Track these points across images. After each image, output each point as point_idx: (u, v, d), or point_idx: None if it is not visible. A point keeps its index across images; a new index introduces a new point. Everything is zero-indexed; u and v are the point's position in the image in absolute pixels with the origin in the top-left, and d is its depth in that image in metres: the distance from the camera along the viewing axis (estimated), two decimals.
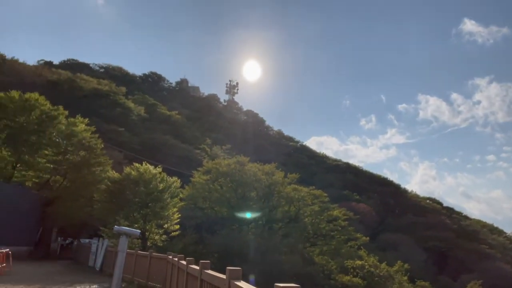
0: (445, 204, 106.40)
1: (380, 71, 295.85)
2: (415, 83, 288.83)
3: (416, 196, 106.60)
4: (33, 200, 30.36)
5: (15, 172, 31.07)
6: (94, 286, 13.00)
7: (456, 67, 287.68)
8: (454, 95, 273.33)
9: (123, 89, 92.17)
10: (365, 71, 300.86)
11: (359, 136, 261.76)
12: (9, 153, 30.26)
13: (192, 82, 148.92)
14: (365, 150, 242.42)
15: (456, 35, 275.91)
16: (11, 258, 17.99)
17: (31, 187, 32.35)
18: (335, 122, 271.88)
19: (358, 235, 34.89)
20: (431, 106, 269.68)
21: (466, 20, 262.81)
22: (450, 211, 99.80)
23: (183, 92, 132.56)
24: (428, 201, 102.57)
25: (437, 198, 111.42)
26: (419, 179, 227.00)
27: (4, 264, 16.79)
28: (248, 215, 29.40)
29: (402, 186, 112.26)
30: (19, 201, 27.88)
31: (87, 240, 29.80)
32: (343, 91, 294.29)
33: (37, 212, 30.57)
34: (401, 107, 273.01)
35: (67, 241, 34.93)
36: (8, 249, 17.93)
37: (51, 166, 32.93)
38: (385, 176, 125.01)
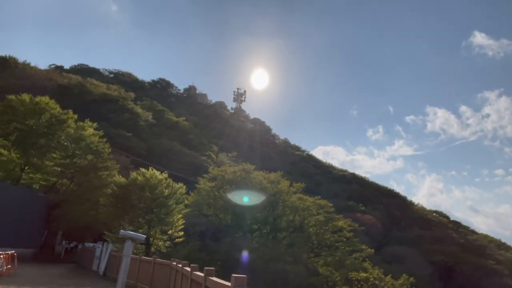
0: (452, 218, 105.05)
1: (388, 82, 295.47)
2: (424, 95, 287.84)
3: (423, 209, 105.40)
4: (39, 202, 30.59)
5: (23, 174, 31.37)
6: None
7: (465, 80, 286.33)
8: (463, 108, 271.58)
9: (132, 94, 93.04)
10: (373, 81, 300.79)
11: (366, 147, 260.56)
12: (18, 156, 30.60)
13: (200, 89, 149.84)
14: (372, 161, 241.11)
15: (466, 47, 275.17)
16: (16, 260, 18.10)
17: (38, 190, 32.61)
18: (342, 132, 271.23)
19: (363, 246, 34.52)
20: (439, 118, 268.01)
21: (477, 33, 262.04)
22: (457, 225, 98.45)
23: (191, 99, 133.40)
24: (434, 214, 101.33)
25: (444, 212, 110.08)
26: (426, 192, 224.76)
27: (9, 266, 16.89)
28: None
29: (409, 198, 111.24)
30: (26, 203, 28.11)
31: (91, 244, 29.87)
32: (350, 101, 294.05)
33: (43, 214, 30.79)
34: (409, 118, 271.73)
35: (71, 245, 35.03)
36: (13, 251, 18.06)
37: (59, 169, 33.24)
38: (392, 187, 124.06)
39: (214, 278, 5.38)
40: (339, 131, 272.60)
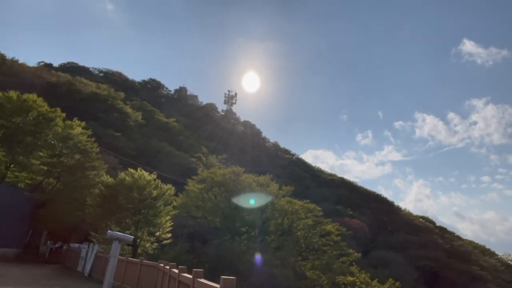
0: (438, 224, 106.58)
1: (378, 87, 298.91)
2: (412, 101, 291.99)
3: (409, 214, 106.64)
4: (25, 201, 30.04)
5: (8, 172, 30.78)
6: None
7: (454, 87, 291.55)
8: (451, 115, 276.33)
9: (122, 94, 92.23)
10: (363, 86, 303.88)
11: (355, 151, 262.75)
12: (3, 153, 30.04)
13: (191, 90, 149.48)
14: (361, 165, 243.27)
15: (456, 55, 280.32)
16: None
17: (23, 189, 32.02)
18: (331, 136, 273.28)
19: (351, 250, 34.76)
20: (428, 124, 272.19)
21: (466, 41, 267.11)
22: (442, 230, 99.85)
23: (181, 100, 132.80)
24: (421, 219, 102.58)
25: (431, 217, 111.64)
26: (413, 197, 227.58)
27: None
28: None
29: (396, 203, 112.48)
30: (11, 202, 27.57)
31: (77, 245, 29.41)
32: (340, 105, 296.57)
33: (28, 214, 30.24)
34: (398, 124, 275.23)
35: (56, 245, 34.43)
36: None
37: (45, 168, 32.66)
38: (380, 192, 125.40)
39: (203, 280, 5.36)
40: (329, 135, 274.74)
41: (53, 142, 33.19)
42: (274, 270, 24.26)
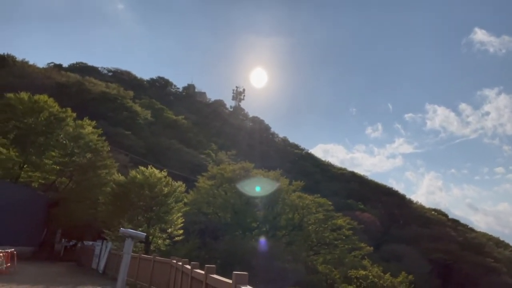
0: (450, 216, 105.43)
1: (387, 79, 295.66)
2: (423, 92, 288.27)
3: (421, 207, 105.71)
4: (39, 201, 30.55)
5: (22, 172, 31.30)
6: None
7: (465, 77, 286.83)
8: (463, 106, 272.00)
9: (131, 93, 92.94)
10: (372, 79, 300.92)
11: (366, 145, 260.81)
12: (17, 154, 30.53)
13: (199, 87, 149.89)
14: (372, 159, 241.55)
15: (467, 44, 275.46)
16: (15, 258, 18.09)
17: (37, 188, 32.55)
18: (341, 130, 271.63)
19: (362, 244, 34.63)
20: (439, 116, 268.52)
21: (477, 30, 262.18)
22: (455, 223, 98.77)
23: (189, 97, 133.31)
24: (433, 212, 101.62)
25: (443, 210, 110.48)
26: (425, 190, 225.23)
27: (9, 264, 16.88)
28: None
29: (408, 196, 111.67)
30: (25, 201, 28.07)
31: (90, 243, 29.84)
32: (349, 98, 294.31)
33: (43, 213, 30.75)
34: (408, 116, 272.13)
35: (71, 243, 34.99)
36: (13, 249, 18.05)
37: (58, 167, 33.15)
38: (391, 185, 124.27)
39: (215, 276, 5.39)
40: (339, 129, 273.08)
41: (64, 141, 33.64)
42: (285, 265, 24.29)
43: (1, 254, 16.48)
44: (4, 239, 21.91)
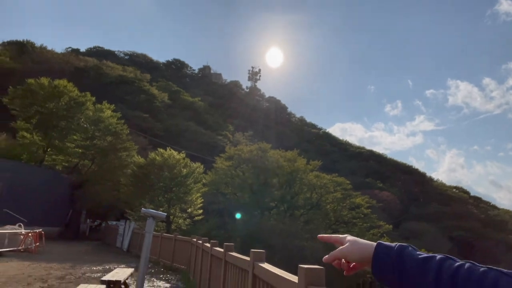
0: (473, 193, 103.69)
1: (407, 55, 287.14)
2: (444, 67, 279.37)
3: (442, 184, 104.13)
4: (63, 183, 31.60)
5: (46, 156, 32.33)
6: (122, 266, 13.51)
7: (489, 51, 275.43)
8: (487, 80, 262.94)
9: (148, 76, 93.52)
10: (391, 55, 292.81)
11: (385, 123, 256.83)
12: (40, 138, 31.47)
13: (215, 68, 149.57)
14: (391, 137, 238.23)
15: (491, 16, 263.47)
16: (43, 238, 18.91)
17: (61, 171, 33.62)
18: (359, 108, 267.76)
19: (381, 223, 34.55)
20: (461, 91, 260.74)
21: (503, 0, 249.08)
22: (477, 200, 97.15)
23: (205, 79, 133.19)
24: (454, 190, 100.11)
25: (465, 187, 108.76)
26: (446, 168, 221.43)
27: (38, 244, 17.66)
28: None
29: (428, 174, 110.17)
30: (51, 184, 29.09)
31: (114, 222, 30.84)
32: (368, 76, 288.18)
33: (67, 194, 31.84)
34: (429, 92, 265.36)
35: (95, 223, 36.26)
36: (41, 229, 18.84)
37: (80, 150, 34.10)
38: (411, 164, 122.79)
39: (234, 253, 5.49)
40: (357, 107, 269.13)
41: (85, 125, 34.42)
42: (304, 243, 24.55)
43: (30, 234, 17.24)
44: (32, 220, 22.87)
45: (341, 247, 1.08)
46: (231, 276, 5.45)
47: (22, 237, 16.71)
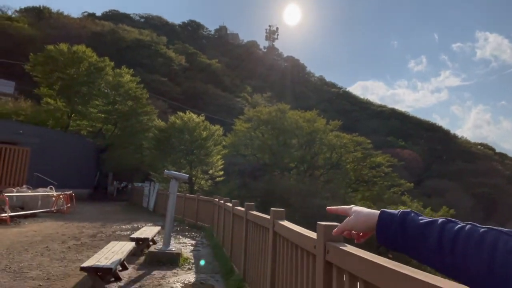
0: (498, 150, 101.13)
1: (433, 7, 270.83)
2: (472, 19, 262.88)
3: (467, 141, 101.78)
4: (89, 147, 32.65)
5: (71, 121, 33.26)
6: (149, 224, 14.17)
7: None
8: None
9: (164, 38, 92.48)
10: (415, 8, 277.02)
11: (408, 80, 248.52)
12: (64, 104, 32.24)
13: (231, 29, 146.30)
14: (414, 94, 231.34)
15: None
16: (74, 199, 19.90)
17: (86, 136, 34.66)
18: (381, 65, 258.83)
19: (402, 181, 34.47)
20: (490, 44, 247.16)
21: None
22: (503, 157, 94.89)
23: (222, 39, 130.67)
24: (479, 146, 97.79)
25: (490, 144, 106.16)
26: (471, 124, 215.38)
27: (69, 205, 18.63)
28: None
29: (453, 131, 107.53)
30: (77, 148, 30.12)
31: (140, 184, 31.98)
32: (391, 31, 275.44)
33: (94, 158, 33.01)
34: (456, 46, 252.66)
35: (122, 185, 37.70)
36: (71, 191, 19.79)
37: (102, 115, 34.88)
38: (434, 121, 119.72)
39: (254, 212, 5.64)
40: (379, 64, 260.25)
41: (106, 90, 34.91)
42: (324, 201, 24.92)
43: (61, 196, 18.16)
44: (62, 183, 23.97)
45: (347, 219, 1.12)
46: (252, 233, 5.64)
47: (53, 199, 17.62)
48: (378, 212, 1.04)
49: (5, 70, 46.22)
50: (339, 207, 1.22)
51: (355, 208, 1.13)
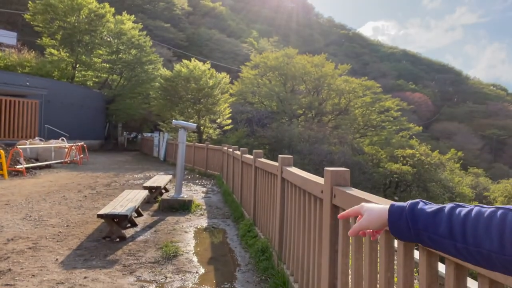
0: (511, 91, 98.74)
1: None
2: None
3: (479, 82, 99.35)
4: (96, 98, 32.67)
5: (76, 72, 32.97)
6: (161, 173, 14.56)
7: None
8: None
9: None
10: None
11: (421, 18, 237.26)
12: (68, 54, 31.76)
13: None
14: (427, 34, 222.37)
15: None
16: (86, 150, 20.35)
17: (92, 87, 34.53)
18: (393, 2, 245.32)
19: (411, 125, 34.27)
20: None
21: None
22: None
23: None
24: (491, 87, 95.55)
25: (504, 84, 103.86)
26: (485, 64, 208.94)
27: (82, 156, 19.09)
28: None
29: (465, 72, 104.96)
30: (85, 99, 30.17)
31: (149, 134, 32.37)
32: None
33: (102, 109, 33.17)
34: None
35: (132, 135, 38.22)
36: (82, 143, 20.18)
37: (107, 65, 34.43)
38: (447, 62, 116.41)
39: (263, 159, 5.71)
40: (391, 2, 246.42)
41: (109, 39, 34.11)
42: (332, 147, 25.10)
43: (74, 147, 18.56)
44: (74, 134, 24.37)
45: (359, 220, 1.13)
46: (261, 180, 5.77)
47: (66, 150, 18.03)
48: (387, 206, 1.05)
49: (6, 20, 45.11)
50: (349, 210, 1.21)
51: (366, 206, 1.14)
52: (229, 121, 27.22)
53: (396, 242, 1.78)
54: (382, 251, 1.83)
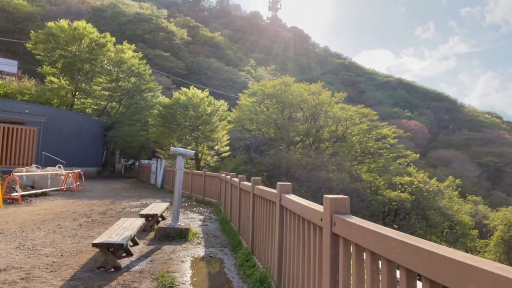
0: (506, 119, 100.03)
1: None
2: None
3: (474, 110, 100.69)
4: (95, 125, 32.79)
5: (75, 100, 33.26)
6: (157, 200, 14.41)
7: None
8: None
9: (165, 11, 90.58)
10: None
11: (415, 47, 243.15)
12: (67, 82, 32.15)
13: (233, 0, 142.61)
14: (421, 62, 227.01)
15: None
16: (83, 177, 20.20)
17: (91, 114, 34.73)
18: (388, 33, 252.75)
19: (408, 152, 34.39)
20: (501, 7, 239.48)
21: None
22: (510, 125, 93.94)
23: (224, 11, 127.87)
24: (486, 115, 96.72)
25: (498, 112, 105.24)
26: (479, 92, 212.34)
27: (78, 183, 18.93)
28: None
29: (460, 100, 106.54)
30: (83, 126, 30.26)
31: (147, 161, 32.27)
32: None
33: (100, 136, 33.21)
34: (464, 11, 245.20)
35: (129, 162, 38.08)
36: (79, 170, 20.05)
37: (107, 93, 34.81)
38: (442, 90, 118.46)
39: (261, 186, 5.68)
40: (385, 32, 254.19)
41: (109, 67, 34.67)
42: (330, 174, 25.04)
43: (70, 174, 18.43)
44: (71, 161, 24.27)
45: None
46: (259, 207, 5.71)
47: (63, 177, 17.89)
48: None
49: (8, 49, 45.93)
50: None
51: None
52: (227, 148, 27.25)
53: (398, 273, 1.75)
54: (384, 282, 1.80)
